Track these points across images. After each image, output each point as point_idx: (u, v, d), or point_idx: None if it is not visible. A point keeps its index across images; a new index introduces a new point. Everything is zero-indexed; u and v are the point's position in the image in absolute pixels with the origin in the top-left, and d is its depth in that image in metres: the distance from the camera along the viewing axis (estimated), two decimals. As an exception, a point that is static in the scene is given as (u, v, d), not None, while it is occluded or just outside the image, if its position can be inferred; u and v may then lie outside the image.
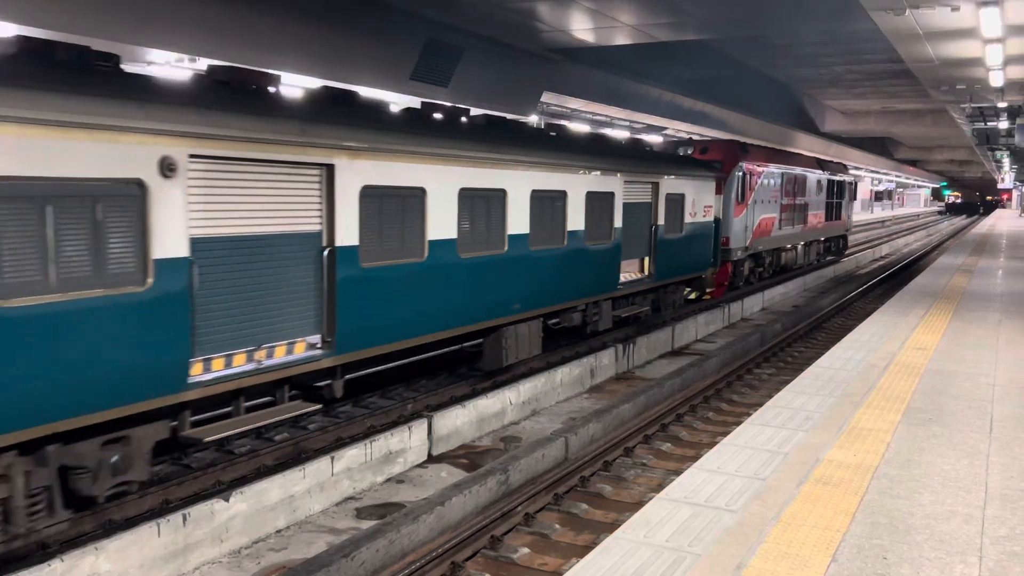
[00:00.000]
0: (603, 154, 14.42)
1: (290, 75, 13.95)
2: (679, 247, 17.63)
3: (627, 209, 15.18)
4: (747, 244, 22.88)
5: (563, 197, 13.10)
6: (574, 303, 13.83)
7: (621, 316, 15.94)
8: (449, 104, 12.24)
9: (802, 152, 34.62)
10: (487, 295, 11.42)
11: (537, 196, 12.36)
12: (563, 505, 8.70)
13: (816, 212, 29.88)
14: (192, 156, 7.15)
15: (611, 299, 15.14)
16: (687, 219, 17.84)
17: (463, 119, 11.54)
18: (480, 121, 11.95)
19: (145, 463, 7.34)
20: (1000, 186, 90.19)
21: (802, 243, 29.12)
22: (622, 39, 18.56)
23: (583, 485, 9.23)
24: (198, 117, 7.18)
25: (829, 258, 34.06)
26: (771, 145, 31.36)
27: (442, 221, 10.35)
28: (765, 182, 23.99)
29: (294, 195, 8.29)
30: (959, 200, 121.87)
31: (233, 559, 7.35)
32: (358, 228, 8.93)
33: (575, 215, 13.39)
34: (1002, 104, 24.78)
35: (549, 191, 12.67)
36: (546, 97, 21.14)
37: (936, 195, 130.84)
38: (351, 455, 8.79)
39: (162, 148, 6.88)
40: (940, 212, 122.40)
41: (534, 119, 20.56)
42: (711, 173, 19.44)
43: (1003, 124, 28.10)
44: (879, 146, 60.30)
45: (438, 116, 10.95)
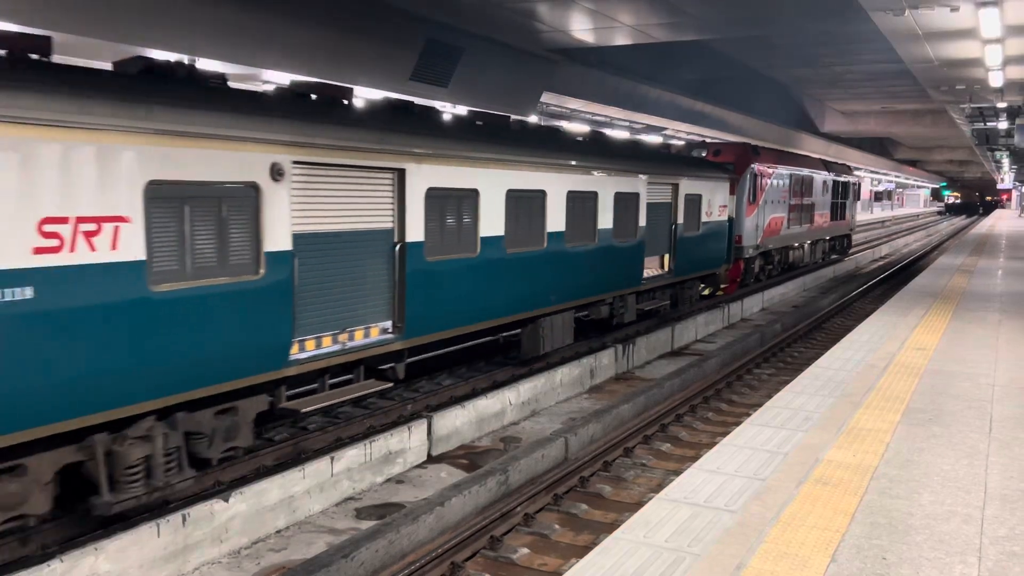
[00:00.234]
0: (629, 157, 15.26)
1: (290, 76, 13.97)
2: (696, 245, 18.44)
3: (650, 209, 16.02)
4: (758, 242, 23.62)
5: (594, 198, 13.97)
6: (603, 296, 14.71)
7: (644, 309, 16.70)
8: (490, 111, 12.92)
9: (808, 154, 35.08)
10: (529, 288, 12.32)
11: (572, 197, 13.23)
12: (563, 505, 8.71)
13: (822, 212, 30.58)
14: (295, 162, 8.15)
15: (635, 293, 15.97)
16: (703, 218, 18.69)
17: (507, 126, 12.39)
18: (518, 127, 12.68)
19: (249, 431, 8.25)
20: (1000, 186, 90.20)
21: (809, 242, 29.81)
22: (622, 39, 18.57)
23: (583, 485, 9.24)
24: (300, 128, 8.15)
25: (834, 256, 34.53)
26: (779, 147, 31.92)
27: (492, 219, 11.29)
28: (775, 183, 24.68)
29: (371, 196, 9.31)
30: (959, 200, 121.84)
31: (233, 559, 7.35)
32: (423, 226, 9.90)
33: (604, 214, 14.24)
34: (1001, 104, 24.79)
35: (582, 192, 13.55)
36: (546, 97, 21.13)
37: (936, 195, 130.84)
38: (351, 455, 8.81)
39: (272, 155, 7.85)
40: (940, 212, 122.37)
41: (534, 119, 20.55)
42: (725, 174, 20.14)
43: (1002, 124, 28.10)
44: (879, 146, 60.35)
45: (480, 123, 11.76)
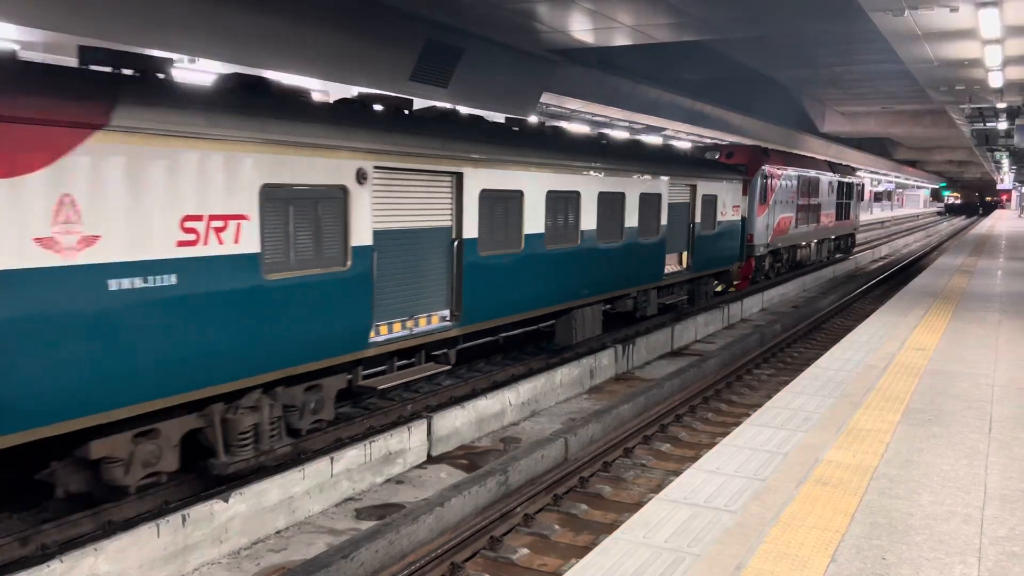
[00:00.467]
0: (654, 161, 16.29)
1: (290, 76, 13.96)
2: (712, 243, 19.52)
3: (671, 209, 17.09)
4: (768, 241, 24.63)
5: (622, 198, 14.96)
6: (628, 290, 15.72)
7: (665, 303, 17.73)
8: (525, 118, 13.75)
9: (814, 156, 35.82)
10: (564, 281, 13.33)
11: (602, 197, 14.22)
12: (562, 506, 8.71)
13: (828, 212, 31.51)
14: (376, 167, 9.17)
15: (657, 288, 17.02)
16: (719, 218, 19.73)
17: (545, 132, 13.39)
18: (551, 131, 13.58)
19: (332, 406, 9.24)
20: (999, 187, 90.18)
21: (815, 240, 30.90)
22: (621, 40, 18.55)
23: (582, 486, 9.24)
24: (380, 137, 9.17)
25: (838, 255, 35.27)
26: (787, 149, 32.85)
27: (534, 218, 12.32)
28: (784, 184, 25.73)
29: (434, 197, 10.33)
30: (958, 201, 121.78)
31: (233, 560, 7.35)
32: (477, 224, 10.94)
33: (631, 214, 15.27)
34: (1001, 105, 24.76)
35: (612, 193, 14.56)
36: (545, 97, 21.11)
37: (935, 196, 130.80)
38: (350, 456, 8.81)
39: (359, 162, 8.85)
40: (939, 213, 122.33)
41: (533, 120, 20.55)
42: (738, 176, 21.11)
43: (1002, 125, 28.05)
44: (878, 146, 60.34)
45: (515, 128, 12.59)
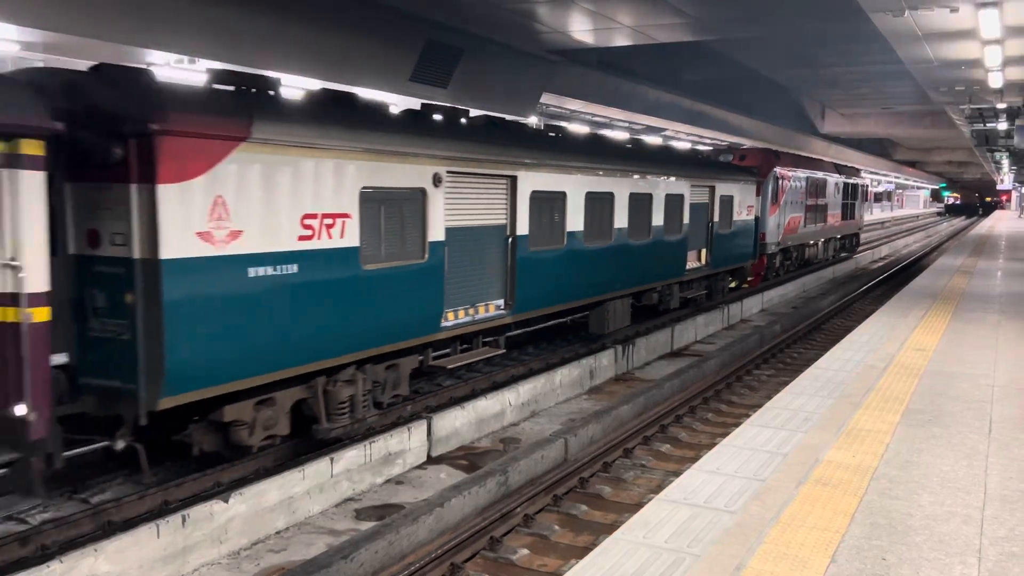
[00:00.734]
0: (678, 163, 17.51)
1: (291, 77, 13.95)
2: (729, 241, 20.68)
3: (692, 209, 18.15)
4: (779, 240, 25.81)
5: (650, 199, 16.03)
6: (654, 285, 16.83)
7: (686, 297, 18.79)
8: (564, 124, 14.64)
9: (821, 158, 36.82)
10: (599, 275, 14.39)
11: (633, 198, 15.27)
12: (562, 506, 8.70)
13: (834, 212, 32.66)
14: (448, 172, 10.31)
15: (679, 283, 18.17)
16: (734, 217, 20.84)
17: (583, 138, 14.61)
18: (588, 138, 14.71)
19: (407, 383, 10.41)
20: (999, 187, 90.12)
21: (822, 239, 32.09)
22: (622, 40, 18.55)
23: (582, 486, 9.24)
24: (452, 145, 10.36)
25: (843, 254, 36.18)
26: (796, 152, 33.97)
27: (575, 217, 13.35)
28: (793, 185, 26.94)
29: (492, 198, 11.48)
30: (958, 201, 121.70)
31: (232, 560, 7.35)
32: (528, 222, 12.03)
33: (658, 213, 16.38)
34: (1001, 105, 24.77)
35: (641, 194, 15.64)
36: (545, 98, 21.12)
37: (935, 196, 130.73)
38: (350, 456, 8.81)
39: (434, 167, 10.03)
40: (939, 213, 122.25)
41: (533, 120, 20.55)
42: (752, 177, 22.23)
43: (1002, 125, 28.05)
44: (878, 147, 60.34)
45: (552, 134, 13.67)
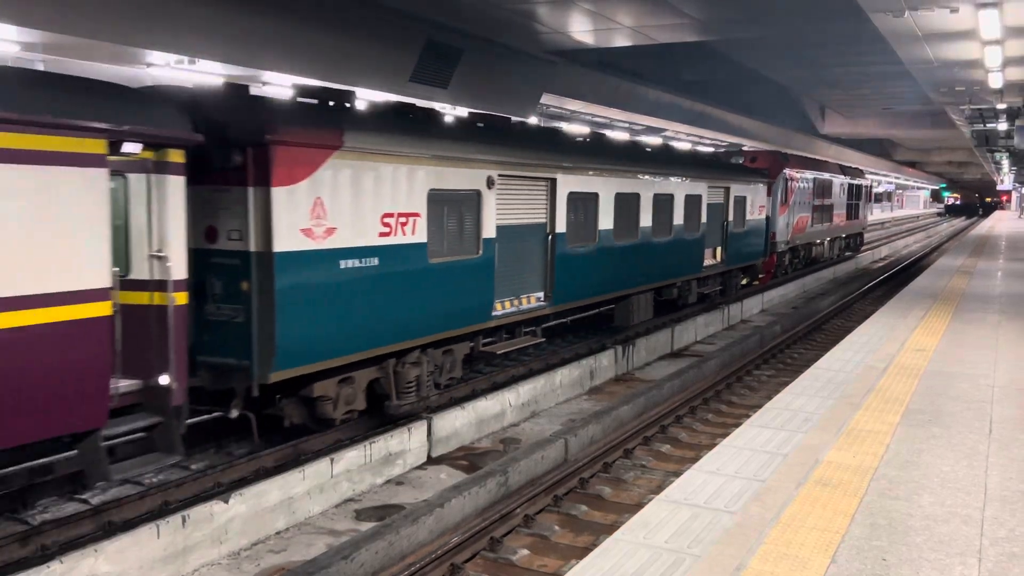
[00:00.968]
0: (697, 165, 18.63)
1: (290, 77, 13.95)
2: (742, 239, 21.72)
3: (709, 208, 19.14)
4: (788, 239, 26.76)
5: (671, 200, 17.02)
6: (674, 280, 17.84)
7: (703, 292, 19.70)
8: (591, 129, 15.41)
9: (827, 159, 37.62)
10: (626, 271, 15.30)
11: (656, 198, 16.23)
12: (562, 506, 8.70)
13: (839, 212, 33.63)
14: (500, 175, 11.42)
15: (697, 279, 19.11)
16: (747, 217, 21.88)
17: (610, 143, 15.80)
18: (617, 142, 15.77)
19: (460, 367, 11.43)
20: (999, 187, 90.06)
21: (828, 239, 32.96)
22: (621, 41, 18.54)
23: (582, 487, 9.24)
24: (502, 151, 11.45)
25: (847, 253, 36.92)
26: (803, 154, 34.79)
27: (605, 216, 14.31)
28: (801, 186, 27.87)
29: (534, 199, 12.53)
30: (958, 202, 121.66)
31: (232, 561, 7.35)
32: (565, 221, 13.02)
33: (678, 213, 17.38)
34: (1001, 106, 24.73)
35: (664, 194, 16.65)
36: (545, 98, 21.11)
37: (935, 197, 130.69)
38: (350, 457, 8.81)
39: (488, 171, 11.16)
40: (939, 214, 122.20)
41: (533, 121, 20.54)
42: (763, 179, 23.43)
43: (1002, 126, 28.02)
44: (878, 147, 60.31)
45: (580, 139, 14.73)
